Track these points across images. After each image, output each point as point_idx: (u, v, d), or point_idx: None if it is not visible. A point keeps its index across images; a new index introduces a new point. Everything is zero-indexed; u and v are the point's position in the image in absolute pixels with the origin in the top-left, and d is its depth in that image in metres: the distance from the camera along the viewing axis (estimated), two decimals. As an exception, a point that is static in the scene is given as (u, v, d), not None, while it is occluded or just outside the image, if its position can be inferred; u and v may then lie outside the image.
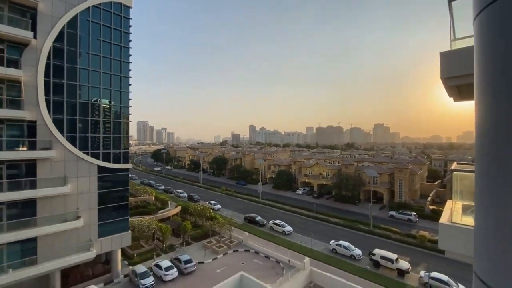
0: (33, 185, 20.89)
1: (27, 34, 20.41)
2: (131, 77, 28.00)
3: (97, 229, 24.81)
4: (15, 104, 20.43)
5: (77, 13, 23.73)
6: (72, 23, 23.48)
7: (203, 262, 30.93)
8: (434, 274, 26.91)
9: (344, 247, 34.55)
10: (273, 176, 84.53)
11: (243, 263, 30.68)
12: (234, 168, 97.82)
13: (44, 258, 21.30)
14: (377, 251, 32.15)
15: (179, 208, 46.12)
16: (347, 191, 63.09)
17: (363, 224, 45.65)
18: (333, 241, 36.86)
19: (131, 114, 28.21)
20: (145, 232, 33.90)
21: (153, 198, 53.51)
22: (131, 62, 28.04)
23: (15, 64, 20.63)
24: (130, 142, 28.84)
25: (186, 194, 66.82)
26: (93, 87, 24.95)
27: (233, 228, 38.14)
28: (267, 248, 33.99)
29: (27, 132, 21.15)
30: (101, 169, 25.15)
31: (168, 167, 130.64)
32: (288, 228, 42.46)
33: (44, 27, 21.84)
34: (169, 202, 49.96)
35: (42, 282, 22.77)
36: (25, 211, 20.85)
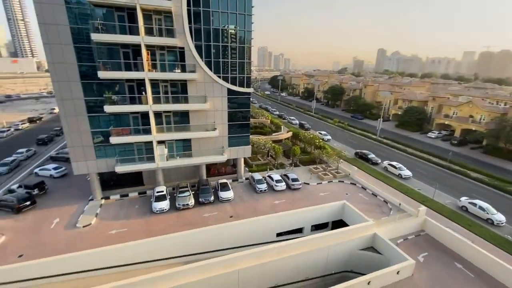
0: (186, 100, 27.35)
1: (173, -36, 22.81)
2: (254, -2, 27.60)
3: (228, 140, 31.00)
4: (170, 33, 25.17)
5: None
6: None
7: (308, 184, 33.83)
8: None
9: (481, 207, 28.06)
10: (400, 113, 72.23)
11: (347, 194, 31.29)
12: (351, 99, 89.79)
13: (195, 153, 29.51)
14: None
15: (290, 133, 49.41)
16: (508, 143, 46.49)
17: (523, 188, 34.14)
18: (466, 198, 30.43)
19: (253, 38, 29.17)
20: (261, 149, 39.41)
21: (269, 122, 59.24)
22: (254, -19, 27.10)
23: (167, -5, 24.35)
24: (251, 67, 30.90)
25: (297, 122, 69.57)
26: (222, 12, 26.62)
27: (341, 160, 37.96)
28: (377, 186, 32.46)
29: (179, 57, 26.41)
30: (229, 91, 29.23)
31: (283, 94, 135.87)
32: (407, 172, 37.88)
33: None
34: (282, 126, 54.03)
35: (196, 170, 32.25)
36: (183, 119, 28.33)
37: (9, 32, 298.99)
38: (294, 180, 32.27)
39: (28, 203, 25.88)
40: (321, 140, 44.85)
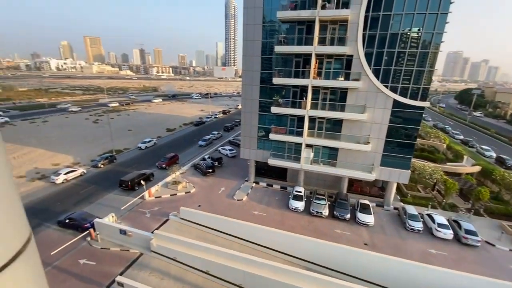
0: (342, 109, 26.71)
1: (359, -28, 22.53)
2: (456, -9, 21.96)
3: (380, 158, 27.28)
4: (341, 41, 25.27)
5: None
6: None
7: (493, 245, 23.38)
8: None
9: None
10: None
11: None
12: None
13: (340, 164, 28.36)
14: None
15: (477, 168, 36.02)
16: None
17: None
18: None
19: (443, 42, 23.44)
20: (425, 178, 31.56)
21: (444, 146, 46.15)
22: (462, -32, 21.44)
23: (346, 5, 24.51)
24: (432, 77, 25.09)
25: (494, 154, 49.34)
26: (406, 14, 23.29)
27: None
28: None
29: (345, 65, 26.02)
30: (395, 103, 25.38)
31: (477, 113, 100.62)
32: None
33: (373, -42, 22.62)
34: (465, 157, 40.32)
35: (336, 181, 31.09)
36: (335, 127, 27.94)
37: (224, 48, 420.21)
38: (469, 232, 23.31)
39: (211, 170, 35.83)
40: (537, 190, 29.31)
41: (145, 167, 37.48)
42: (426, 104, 24.92)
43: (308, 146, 28.79)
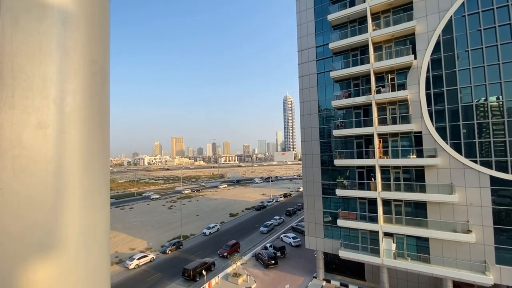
0: (422, 189, 23.15)
1: (409, 58, 23.77)
2: (533, 56, 20.29)
3: (494, 252, 20.59)
4: (405, 119, 24.50)
5: (451, 16, 22.90)
6: (446, 28, 23.10)
7: None
8: None
9: None
10: None
11: None
12: None
13: (435, 260, 22.29)
14: None
15: None
16: None
17: None
18: None
19: (537, 107, 20.22)
20: None
21: None
22: (531, 37, 20.40)
23: (402, 86, 24.99)
24: (538, 146, 20.67)
25: None
26: (476, 85, 21.97)
27: None
28: None
29: (414, 142, 24.18)
30: (494, 180, 20.82)
31: None
32: None
33: (421, 45, 24.02)
34: None
35: (435, 284, 23.81)
36: (417, 212, 23.67)
37: (283, 135, 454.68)
38: None
39: (273, 262, 32.64)
40: None
41: (208, 255, 37.00)
42: (539, 179, 19.65)
43: (387, 235, 24.42)
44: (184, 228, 49.15)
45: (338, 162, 26.54)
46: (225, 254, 36.19)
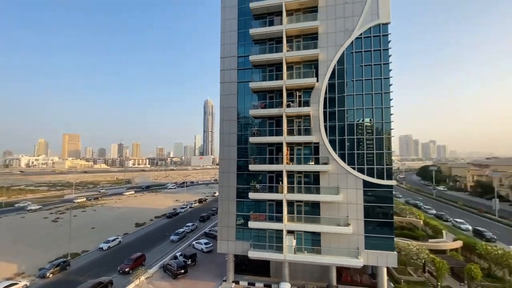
0: (317, 191, 27.39)
1: (313, 80, 28.00)
2: (392, 91, 27.55)
3: (364, 240, 26.36)
4: (307, 131, 28.54)
5: (343, 51, 28.45)
6: (340, 60, 28.52)
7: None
8: None
9: None
10: None
11: None
12: None
13: (325, 251, 26.64)
14: None
15: (459, 243, 35.76)
16: None
17: None
18: None
19: (393, 129, 27.48)
20: (413, 259, 30.14)
21: (422, 222, 46.59)
22: (391, 77, 27.69)
23: (307, 103, 29.10)
24: (392, 158, 27.90)
25: (469, 227, 50.41)
26: (357, 109, 27.89)
27: None
28: None
29: (314, 151, 28.45)
30: (365, 183, 26.83)
31: (440, 187, 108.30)
32: None
33: (322, 70, 28.73)
34: (444, 232, 40.49)
35: (324, 272, 28.32)
36: (313, 210, 27.78)
37: (202, 139, 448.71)
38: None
39: (183, 271, 31.19)
40: (522, 262, 28.87)
41: (104, 273, 31.85)
42: (393, 182, 26.67)
43: (289, 232, 27.44)
44: (74, 244, 40.85)
45: (252, 167, 28.21)
46: (127, 269, 32.09)
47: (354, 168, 27.21)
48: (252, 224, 27.67)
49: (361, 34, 28.16)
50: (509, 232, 49.69)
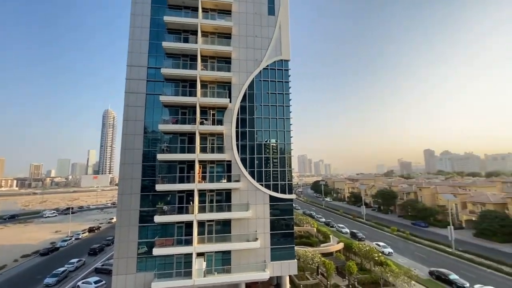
0: (229, 209, 27.84)
1: (226, 101, 29.25)
2: (292, 118, 32.03)
3: (270, 252, 28.27)
4: (220, 149, 29.11)
5: (253, 78, 31.35)
6: (250, 85, 31.18)
7: (375, 317, 26.15)
8: None
9: None
10: (474, 218, 60.85)
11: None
12: (407, 204, 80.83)
13: (235, 269, 26.85)
14: None
15: (341, 245, 43.52)
16: None
17: None
18: None
19: (292, 149, 31.66)
20: (309, 264, 34.36)
21: (315, 230, 54.28)
22: (291, 106, 32.30)
23: (220, 122, 29.93)
24: (292, 174, 31.84)
25: (348, 230, 62.49)
26: (265, 130, 30.82)
27: (413, 282, 30.19)
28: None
29: (226, 169, 29.13)
30: (272, 198, 29.38)
31: (328, 199, 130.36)
32: (516, 305, 27.38)
33: (235, 92, 30.53)
34: (331, 236, 48.53)
35: (234, 289, 28.38)
36: (225, 229, 27.88)
37: (98, 155, 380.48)
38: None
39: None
40: (380, 254, 37.91)
41: None
42: (293, 196, 30.33)
43: (199, 255, 26.28)
44: None
45: (160, 187, 25.98)
46: None
47: (262, 185, 29.39)
48: (157, 251, 24.95)
49: (267, 66, 31.97)
50: (372, 232, 64.44)
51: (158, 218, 25.34)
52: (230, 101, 29.86)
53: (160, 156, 26.58)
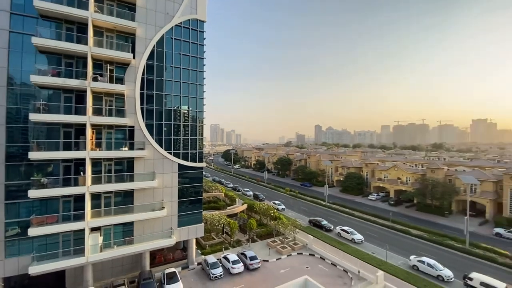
0: (131, 179, 25.61)
1: (128, 56, 25.12)
2: (205, 84, 31.08)
3: (177, 219, 28.51)
4: (120, 113, 25.44)
5: (163, 34, 27.86)
6: (160, 42, 27.71)
7: (267, 261, 31.60)
8: None
9: (429, 265, 29.58)
10: (341, 179, 79.58)
11: (307, 267, 29.92)
12: (298, 169, 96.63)
13: (137, 239, 25.81)
14: (475, 275, 26.37)
15: (245, 206, 48.52)
16: (433, 199, 53.87)
17: (455, 240, 38.20)
18: (414, 256, 32.06)
19: (205, 118, 31.32)
20: (216, 225, 37.00)
21: (223, 195, 57.89)
22: (205, 71, 31.10)
23: (121, 80, 25.73)
24: (204, 143, 31.94)
25: (252, 193, 69.77)
26: (175, 95, 28.79)
27: (297, 230, 37.70)
28: (334, 255, 32.20)
29: (128, 135, 26.06)
30: (181, 166, 28.82)
31: (236, 166, 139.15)
32: (359, 236, 39.12)
33: (140, 48, 26.48)
34: (237, 199, 53.10)
35: (136, 260, 27.60)
36: (126, 200, 25.75)
37: None
38: (252, 258, 29.91)
39: None
40: (275, 211, 44.83)
41: None
42: (203, 164, 30.76)
43: (94, 229, 23.59)
44: None
45: (35, 155, 20.71)
46: None
47: (170, 153, 28.20)
48: (34, 231, 20.65)
49: (181, 23, 28.99)
50: (271, 193, 74.47)
51: (33, 193, 20.58)
52: (134, 57, 25.89)
53: (35, 117, 20.77)
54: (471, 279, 26.22)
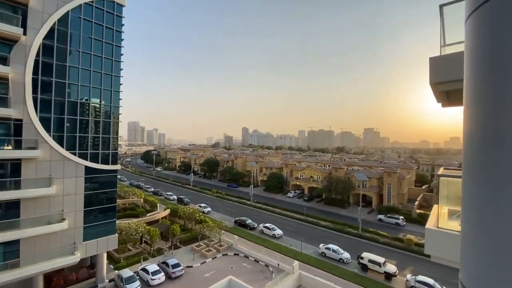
0: (17, 186, 20.14)
1: (17, 31, 19.83)
2: (122, 76, 27.56)
3: (82, 232, 24.06)
4: (2, 101, 19.72)
5: (68, 10, 23.24)
6: (63, 20, 22.97)
7: (191, 266, 30.46)
8: (420, 277, 27.44)
9: (333, 250, 34.80)
10: (265, 179, 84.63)
11: (232, 267, 30.41)
12: (226, 170, 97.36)
13: (27, 261, 20.45)
14: (365, 254, 32.55)
15: (168, 211, 45.42)
16: (337, 194, 63.74)
17: (352, 227, 46.20)
18: (322, 244, 37.09)
19: (121, 114, 27.75)
20: (133, 235, 33.16)
21: (142, 201, 52.47)
22: (123, 61, 27.61)
23: (3, 60, 19.97)
24: (120, 142, 28.19)
25: (175, 197, 65.91)
26: (83, 85, 24.38)
27: (223, 231, 37.83)
28: (257, 251, 33.87)
29: (13, 131, 20.45)
30: (88, 169, 24.50)
31: (159, 168, 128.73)
32: (278, 232, 42.43)
33: (34, 23, 21.26)
34: (158, 204, 49.11)
35: (26, 286, 21.85)
36: (9, 212, 20.06)
37: None
38: (175, 266, 28.24)
39: None
40: (201, 214, 43.73)
41: None
42: (117, 167, 27.11)
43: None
44: None
45: None
46: None
47: (75, 154, 23.64)
48: None
49: (92, 1, 24.86)
50: (197, 196, 72.23)
51: None
52: (25, 33, 20.59)
53: None
54: (362, 258, 32.25)
